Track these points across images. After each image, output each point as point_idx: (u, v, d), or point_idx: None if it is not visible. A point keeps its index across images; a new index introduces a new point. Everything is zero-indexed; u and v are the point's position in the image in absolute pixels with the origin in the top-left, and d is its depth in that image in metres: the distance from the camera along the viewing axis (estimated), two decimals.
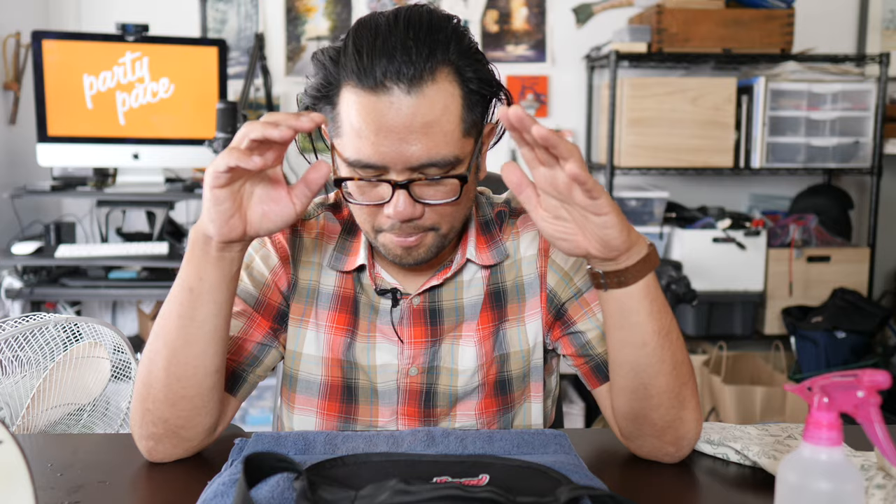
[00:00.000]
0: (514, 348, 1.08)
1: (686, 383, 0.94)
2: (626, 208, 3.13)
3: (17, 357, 1.22)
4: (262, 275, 1.06)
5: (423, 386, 1.07)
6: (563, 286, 1.06)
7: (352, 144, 0.92)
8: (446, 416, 1.07)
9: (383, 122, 0.89)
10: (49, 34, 2.79)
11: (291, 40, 3.34)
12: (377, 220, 0.97)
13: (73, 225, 2.98)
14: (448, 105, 0.91)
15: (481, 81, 0.94)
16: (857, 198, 3.45)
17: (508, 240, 1.09)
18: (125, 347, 1.37)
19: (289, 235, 1.08)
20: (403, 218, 0.94)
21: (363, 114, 0.90)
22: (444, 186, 0.94)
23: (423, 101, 0.89)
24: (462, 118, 0.92)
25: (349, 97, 0.92)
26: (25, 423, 1.21)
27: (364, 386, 1.07)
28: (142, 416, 0.95)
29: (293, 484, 0.81)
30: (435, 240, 0.99)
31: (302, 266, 1.07)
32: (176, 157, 2.92)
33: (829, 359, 2.98)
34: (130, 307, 3.31)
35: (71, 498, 0.87)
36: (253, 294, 1.05)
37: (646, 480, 0.93)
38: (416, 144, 0.90)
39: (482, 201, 1.11)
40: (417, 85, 0.89)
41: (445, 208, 0.96)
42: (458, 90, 0.92)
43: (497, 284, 1.07)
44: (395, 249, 0.99)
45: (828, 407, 0.66)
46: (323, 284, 1.07)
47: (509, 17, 3.36)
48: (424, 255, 0.99)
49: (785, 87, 3.05)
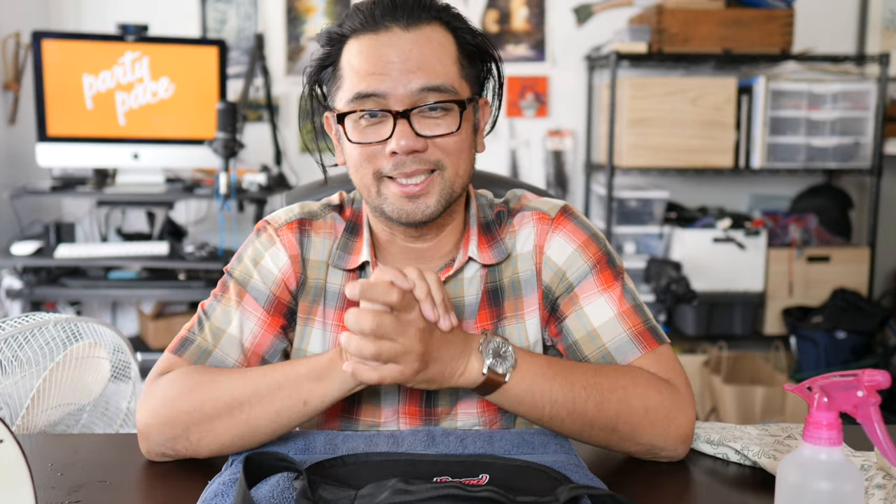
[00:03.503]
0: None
1: (620, 420, 0.94)
2: (627, 208, 3.14)
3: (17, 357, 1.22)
4: (272, 273, 1.06)
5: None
6: (556, 282, 1.05)
7: (352, 83, 0.96)
8: (448, 415, 1.06)
9: (384, 54, 0.94)
10: (49, 34, 2.79)
11: (291, 40, 3.34)
12: (379, 163, 0.97)
13: (73, 225, 2.98)
14: (443, 44, 0.97)
15: (474, 36, 1.00)
16: (857, 198, 3.45)
17: (506, 238, 1.08)
18: (125, 347, 1.37)
19: (297, 234, 1.07)
20: (406, 150, 0.94)
21: (365, 52, 0.95)
22: (444, 119, 0.96)
23: (420, 36, 0.95)
24: (457, 60, 0.98)
25: (352, 48, 0.97)
26: (25, 423, 1.21)
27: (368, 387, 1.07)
28: (173, 438, 0.94)
29: (293, 484, 0.81)
30: (441, 184, 0.98)
31: (310, 265, 1.07)
32: (176, 157, 2.93)
33: (829, 359, 2.98)
34: (130, 307, 3.31)
35: (71, 498, 0.87)
36: (264, 292, 1.05)
37: (646, 480, 0.93)
38: (415, 72, 0.94)
39: (483, 203, 1.11)
40: (415, 24, 0.95)
41: (448, 144, 0.97)
42: (452, 38, 0.98)
43: (494, 282, 1.07)
44: (399, 203, 0.98)
45: (828, 407, 0.66)
46: (330, 283, 1.07)
47: (509, 17, 3.36)
48: (433, 205, 0.98)
49: (785, 87, 3.05)
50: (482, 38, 1.01)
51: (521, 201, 1.11)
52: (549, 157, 3.42)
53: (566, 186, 3.44)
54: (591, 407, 0.93)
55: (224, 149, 2.59)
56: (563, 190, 3.44)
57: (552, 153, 3.42)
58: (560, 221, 1.06)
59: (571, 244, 1.05)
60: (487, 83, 1.04)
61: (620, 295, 1.02)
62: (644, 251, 3.17)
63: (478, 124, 1.04)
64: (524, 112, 3.38)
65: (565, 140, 3.41)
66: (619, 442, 0.96)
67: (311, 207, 1.10)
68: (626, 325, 1.01)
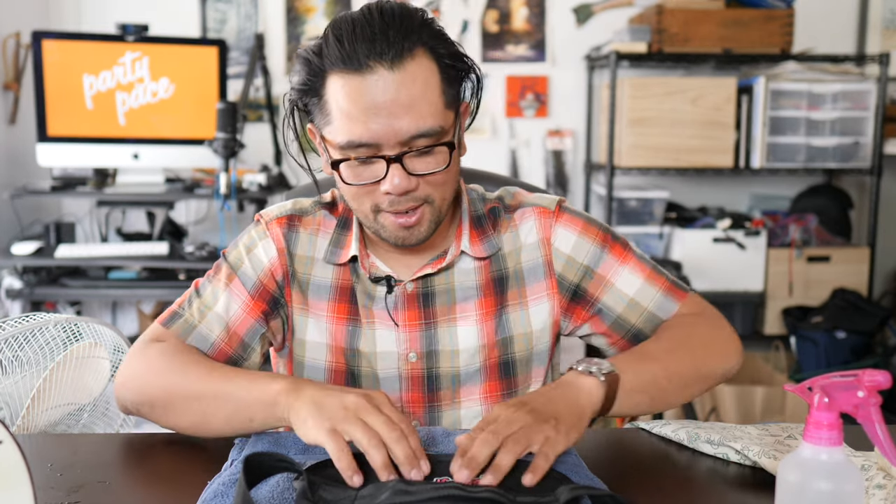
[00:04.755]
0: (517, 331, 1.12)
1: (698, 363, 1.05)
2: (627, 208, 3.14)
3: (17, 357, 1.22)
4: (262, 262, 1.12)
5: (424, 371, 1.10)
6: (569, 268, 1.12)
7: (343, 128, 0.97)
8: (450, 400, 1.10)
9: (371, 100, 0.95)
10: (49, 34, 2.79)
11: (291, 40, 3.34)
12: (375, 199, 1.02)
13: (73, 225, 2.98)
14: (428, 79, 0.97)
15: (454, 57, 1.01)
16: (857, 198, 3.45)
17: (506, 232, 1.14)
18: (125, 347, 1.36)
19: (286, 230, 1.13)
20: (400, 191, 0.99)
21: (352, 95, 0.96)
22: (434, 157, 1.00)
23: (406, 76, 0.95)
24: (442, 91, 0.99)
25: (336, 83, 0.97)
26: (25, 423, 1.21)
27: (367, 374, 1.11)
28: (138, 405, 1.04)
29: (293, 484, 0.81)
30: (431, 214, 1.04)
31: (297, 259, 1.13)
32: (176, 157, 2.92)
33: (829, 359, 2.98)
34: (130, 307, 3.31)
35: (71, 498, 0.86)
36: (251, 278, 1.11)
37: (646, 480, 0.93)
38: (404, 118, 0.96)
39: (474, 197, 1.16)
40: (399, 62, 0.95)
41: (437, 178, 1.01)
42: (435, 66, 0.98)
43: (499, 271, 1.13)
44: (396, 231, 1.03)
45: (828, 407, 0.66)
46: (318, 277, 1.12)
47: (509, 17, 3.36)
48: (425, 232, 1.04)
49: (785, 87, 3.05)
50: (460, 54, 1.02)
51: (516, 198, 1.17)
52: (549, 157, 3.42)
53: (566, 186, 3.44)
54: (679, 365, 1.03)
55: (224, 149, 2.59)
56: (564, 190, 3.44)
57: (552, 153, 3.42)
58: (559, 214, 1.14)
59: (574, 232, 1.13)
60: (465, 84, 1.06)
61: (638, 262, 1.13)
62: (644, 251, 3.16)
63: (460, 133, 1.07)
64: (524, 112, 3.38)
65: (565, 140, 3.41)
66: (704, 382, 1.06)
67: (302, 204, 1.16)
68: (655, 286, 1.12)
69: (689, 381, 1.04)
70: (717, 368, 1.07)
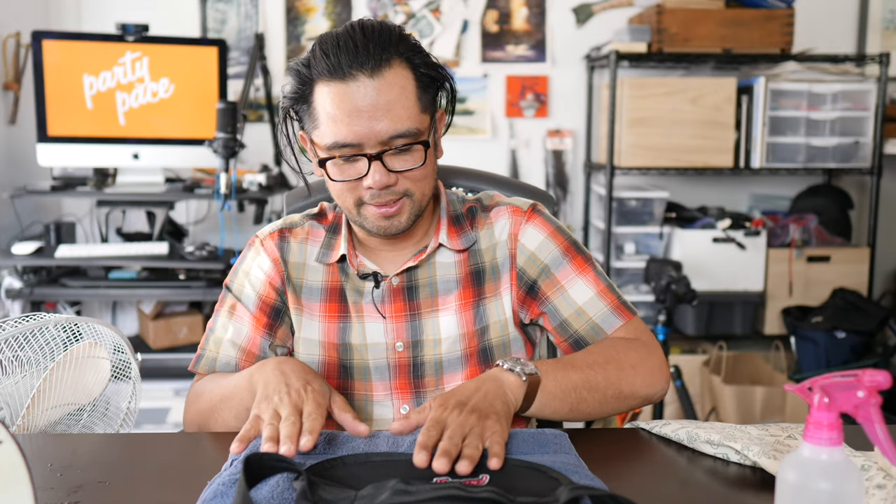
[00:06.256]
0: (492, 320, 1.21)
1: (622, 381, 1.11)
2: (626, 208, 3.14)
3: (17, 357, 1.22)
4: (259, 278, 1.23)
5: (410, 359, 1.19)
6: (530, 264, 1.21)
7: (329, 130, 1.09)
8: (434, 387, 1.19)
9: (354, 104, 1.06)
10: (49, 34, 2.79)
11: (291, 40, 3.34)
12: (358, 193, 1.12)
13: (73, 225, 2.98)
14: (404, 86, 1.08)
15: (429, 67, 1.12)
16: (857, 198, 3.45)
17: (483, 229, 1.24)
18: (125, 347, 1.36)
19: (279, 241, 1.24)
20: (380, 185, 1.09)
21: (337, 100, 1.07)
22: (411, 155, 1.11)
23: (384, 82, 1.07)
24: (418, 97, 1.10)
25: (323, 91, 1.09)
26: (25, 423, 1.21)
27: (359, 365, 1.20)
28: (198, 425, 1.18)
29: (293, 484, 0.81)
30: (411, 206, 1.14)
31: (291, 266, 1.23)
32: (176, 157, 2.93)
33: (829, 359, 2.98)
34: (130, 307, 3.31)
35: (71, 498, 0.87)
36: (253, 297, 1.22)
37: (646, 480, 0.93)
38: (383, 120, 1.07)
39: (453, 199, 1.27)
40: (378, 71, 1.06)
41: (415, 174, 1.12)
42: (411, 74, 1.10)
43: (477, 265, 1.22)
44: (378, 221, 1.14)
45: (828, 407, 0.66)
46: (310, 280, 1.23)
47: (509, 17, 3.36)
48: (405, 222, 1.15)
49: (785, 87, 3.05)
50: (435, 64, 1.13)
51: (494, 199, 1.27)
52: (549, 157, 3.42)
53: (566, 186, 3.44)
54: (601, 379, 1.09)
55: (224, 149, 2.59)
56: (563, 190, 3.44)
57: (552, 153, 3.42)
58: (531, 215, 1.23)
59: (542, 233, 1.22)
60: (441, 94, 1.17)
61: (595, 277, 1.20)
62: (644, 251, 3.17)
63: (436, 136, 1.17)
64: (524, 112, 3.38)
65: (565, 140, 3.41)
66: (624, 401, 1.12)
67: (292, 219, 1.28)
68: (605, 300, 1.19)
69: (610, 396, 1.10)
70: (640, 390, 1.12)
